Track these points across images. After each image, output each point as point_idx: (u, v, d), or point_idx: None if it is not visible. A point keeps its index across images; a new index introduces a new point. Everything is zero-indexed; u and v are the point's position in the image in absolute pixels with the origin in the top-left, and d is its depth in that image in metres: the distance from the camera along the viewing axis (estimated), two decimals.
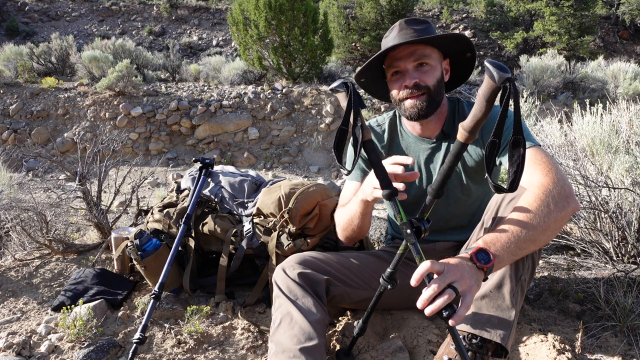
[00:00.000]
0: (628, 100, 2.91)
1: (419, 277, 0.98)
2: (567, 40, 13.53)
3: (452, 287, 0.95)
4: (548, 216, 1.10)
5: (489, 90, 0.88)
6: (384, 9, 14.01)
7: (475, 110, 0.93)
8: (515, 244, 1.07)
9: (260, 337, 1.66)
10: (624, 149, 2.43)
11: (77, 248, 2.45)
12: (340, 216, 1.52)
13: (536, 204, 1.11)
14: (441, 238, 1.63)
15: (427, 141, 1.55)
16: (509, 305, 1.19)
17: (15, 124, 8.92)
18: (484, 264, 1.01)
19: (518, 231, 1.08)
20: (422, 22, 1.44)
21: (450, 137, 1.52)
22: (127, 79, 9.08)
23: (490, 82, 0.87)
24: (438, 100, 1.45)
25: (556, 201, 1.12)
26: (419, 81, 1.40)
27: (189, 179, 2.16)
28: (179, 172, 8.14)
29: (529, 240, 1.09)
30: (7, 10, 18.09)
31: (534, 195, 1.14)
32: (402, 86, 1.42)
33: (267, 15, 9.37)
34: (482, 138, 1.46)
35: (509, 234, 1.08)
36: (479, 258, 1.02)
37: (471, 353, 1.17)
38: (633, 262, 2.02)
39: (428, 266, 0.98)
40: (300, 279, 1.40)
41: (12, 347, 1.61)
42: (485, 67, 0.87)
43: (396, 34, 1.42)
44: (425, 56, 1.41)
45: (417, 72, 1.41)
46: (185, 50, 16.85)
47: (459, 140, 0.98)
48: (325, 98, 9.09)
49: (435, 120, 1.52)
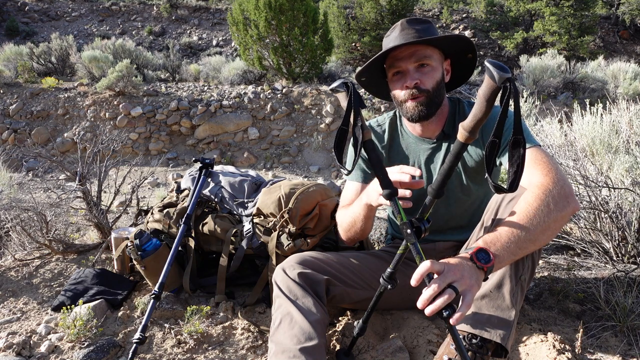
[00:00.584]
0: (628, 100, 2.91)
1: (419, 277, 0.98)
2: (567, 40, 13.53)
3: (452, 287, 0.96)
4: (548, 216, 1.10)
5: (489, 90, 0.88)
6: (384, 9, 14.01)
7: (475, 110, 0.93)
8: (516, 243, 1.07)
9: (260, 337, 1.66)
10: (624, 149, 2.43)
11: (77, 248, 2.45)
12: (343, 217, 1.52)
13: (536, 204, 1.11)
14: (441, 238, 1.63)
15: (427, 141, 1.55)
16: (509, 305, 1.19)
17: (15, 124, 8.92)
18: (484, 263, 1.01)
19: (518, 231, 1.08)
20: (423, 22, 1.44)
21: (450, 138, 1.52)
22: (127, 79, 9.08)
23: (490, 82, 0.87)
24: (438, 102, 1.45)
25: (556, 201, 1.12)
26: (420, 83, 1.40)
27: (189, 179, 2.16)
28: (179, 172, 8.14)
29: (529, 240, 1.09)
30: (7, 10, 18.09)
31: (534, 195, 1.14)
32: (403, 87, 1.43)
33: (267, 15, 9.37)
34: (482, 138, 1.46)
35: (509, 233, 1.08)
36: (479, 258, 1.02)
37: (471, 353, 1.17)
38: (633, 262, 2.02)
39: (428, 266, 0.98)
40: (301, 279, 1.40)
41: (12, 347, 1.61)
42: (485, 67, 0.87)
43: (398, 34, 1.42)
44: (426, 57, 1.41)
45: (418, 72, 1.41)
46: (185, 50, 16.85)
47: (459, 140, 0.98)
48: (325, 98, 9.09)
49: (435, 121, 1.52)
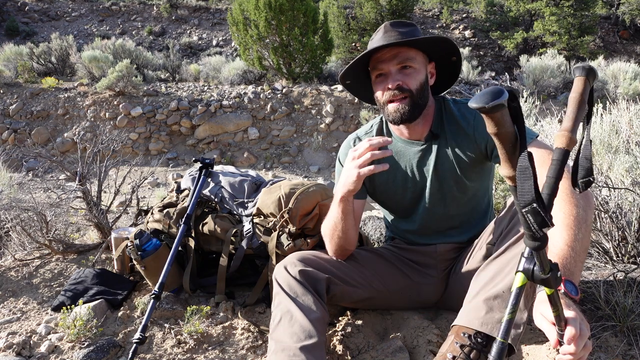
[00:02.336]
0: (628, 100, 2.91)
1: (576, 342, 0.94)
2: (567, 40, 13.54)
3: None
4: (585, 220, 1.13)
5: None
6: (384, 9, 14.01)
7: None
8: (576, 258, 1.08)
9: (260, 337, 1.66)
10: (624, 149, 2.43)
11: (77, 248, 2.45)
12: (325, 228, 1.51)
13: (575, 211, 1.13)
14: (441, 240, 1.62)
15: (416, 144, 1.54)
16: (521, 308, 1.18)
17: (15, 124, 8.93)
18: (575, 295, 1.00)
19: (574, 243, 1.09)
20: (407, 25, 1.44)
21: (439, 138, 1.51)
22: (127, 79, 9.08)
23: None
24: (422, 104, 1.44)
25: (583, 201, 1.15)
26: (402, 84, 1.39)
27: (189, 179, 2.16)
28: (179, 172, 8.14)
29: (584, 249, 1.11)
30: (7, 10, 18.09)
31: (565, 202, 1.15)
32: (385, 88, 1.41)
33: (267, 15, 9.37)
34: (475, 135, 1.46)
35: (570, 252, 1.08)
36: (570, 290, 1.00)
37: (475, 352, 1.17)
38: (633, 262, 2.02)
39: (579, 333, 0.94)
40: (301, 277, 1.39)
41: (12, 347, 1.61)
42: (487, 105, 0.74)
43: (381, 36, 1.42)
44: (409, 59, 1.40)
45: (400, 74, 1.40)
46: (185, 50, 16.85)
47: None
48: (325, 98, 9.10)
49: (422, 122, 1.50)
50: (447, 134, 1.50)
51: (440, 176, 1.53)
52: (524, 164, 0.74)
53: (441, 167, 1.52)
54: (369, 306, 1.66)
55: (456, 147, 1.49)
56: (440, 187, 1.54)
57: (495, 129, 0.74)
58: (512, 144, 0.75)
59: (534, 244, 0.80)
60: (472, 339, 1.19)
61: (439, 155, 1.51)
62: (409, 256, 1.65)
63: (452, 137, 1.50)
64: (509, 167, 0.77)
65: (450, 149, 1.50)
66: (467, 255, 1.54)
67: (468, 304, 1.26)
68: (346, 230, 1.45)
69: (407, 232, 1.67)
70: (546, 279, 0.84)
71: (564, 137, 0.81)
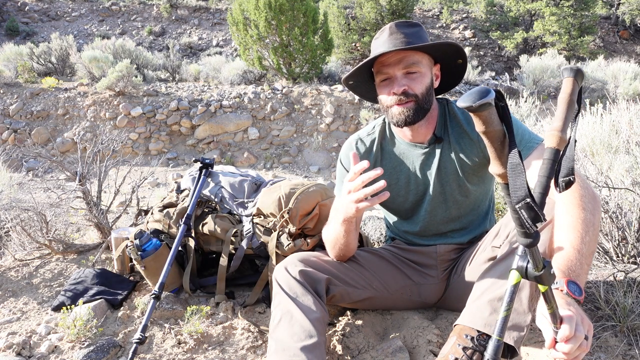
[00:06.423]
0: (628, 100, 2.91)
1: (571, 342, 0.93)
2: (567, 40, 13.54)
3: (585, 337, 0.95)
4: (593, 223, 1.12)
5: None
6: (384, 9, 14.01)
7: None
8: (582, 261, 1.08)
9: (260, 337, 1.66)
10: (624, 149, 2.43)
11: (77, 248, 2.45)
12: (327, 235, 1.51)
13: (582, 215, 1.13)
14: (442, 241, 1.62)
15: (420, 146, 1.53)
16: (525, 310, 1.18)
17: (15, 124, 8.92)
18: (578, 295, 1.00)
19: (581, 246, 1.09)
20: (413, 26, 1.42)
21: (442, 141, 1.50)
22: (127, 79, 9.08)
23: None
24: (426, 108, 1.43)
25: (591, 204, 1.15)
26: (408, 89, 1.38)
27: (189, 179, 2.16)
28: (179, 172, 8.14)
29: (591, 253, 1.10)
30: (7, 10, 18.08)
31: (573, 205, 1.15)
32: (390, 92, 1.40)
33: (267, 15, 9.37)
34: (478, 140, 1.46)
35: (576, 254, 1.08)
36: (573, 291, 1.00)
37: (478, 354, 1.17)
38: (633, 262, 2.02)
39: (573, 333, 0.92)
40: (301, 277, 1.40)
41: (12, 347, 1.61)
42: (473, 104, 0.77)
43: (386, 38, 1.40)
44: (415, 63, 1.38)
45: (406, 79, 1.38)
46: (185, 50, 16.84)
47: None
48: (325, 98, 9.10)
49: (425, 125, 1.49)
50: (451, 138, 1.50)
51: (443, 179, 1.53)
52: (515, 161, 0.75)
53: (444, 171, 1.51)
54: (369, 306, 1.66)
55: (460, 151, 1.49)
56: (443, 190, 1.54)
57: (484, 128, 0.76)
58: (500, 142, 0.77)
59: (527, 240, 0.81)
60: (474, 341, 1.18)
61: (442, 159, 1.51)
62: (409, 257, 1.65)
63: (456, 141, 1.49)
64: (499, 164, 0.79)
65: (454, 153, 1.50)
66: (469, 256, 1.54)
67: (472, 304, 1.26)
68: (348, 244, 1.46)
69: (407, 233, 1.67)
70: (539, 275, 0.85)
71: (554, 136, 0.82)
